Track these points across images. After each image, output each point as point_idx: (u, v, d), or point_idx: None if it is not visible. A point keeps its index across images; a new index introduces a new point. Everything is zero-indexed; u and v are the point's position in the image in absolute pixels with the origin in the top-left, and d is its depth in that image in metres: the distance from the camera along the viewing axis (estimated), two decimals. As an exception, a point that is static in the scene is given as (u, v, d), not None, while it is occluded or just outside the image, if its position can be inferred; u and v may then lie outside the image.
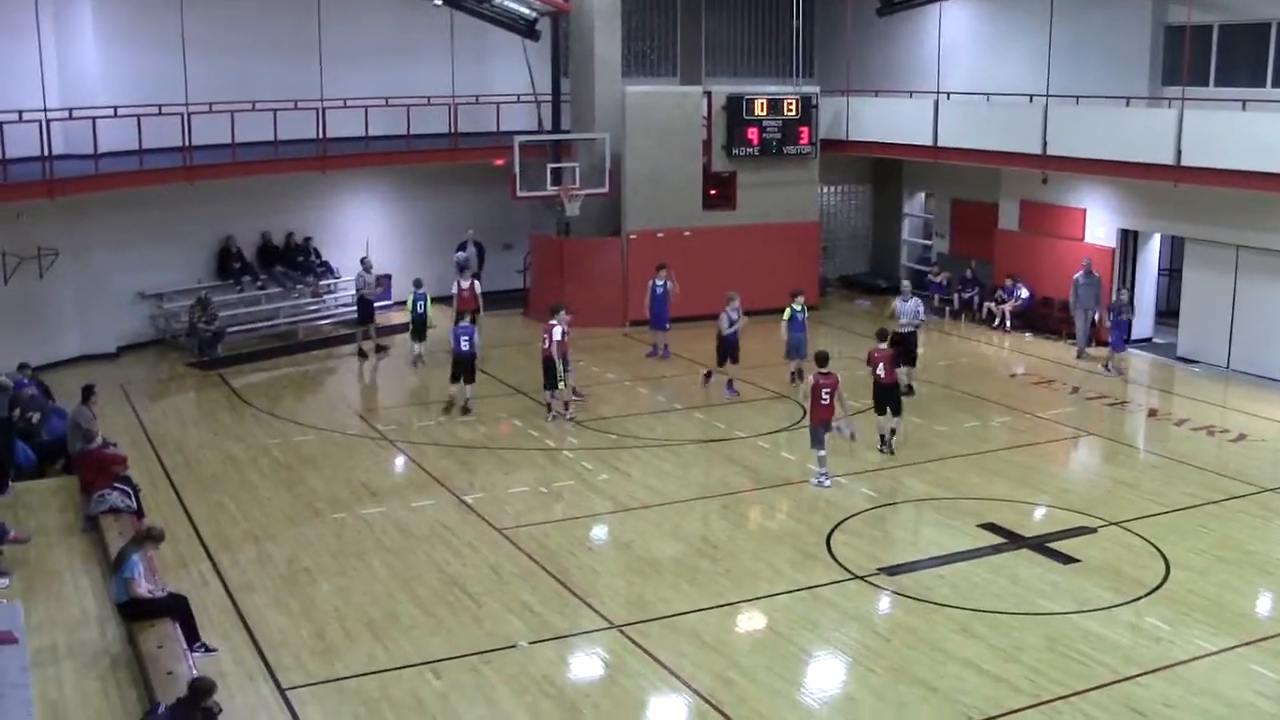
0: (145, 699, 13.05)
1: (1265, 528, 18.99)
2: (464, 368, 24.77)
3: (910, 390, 25.36)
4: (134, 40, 29.55)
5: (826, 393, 20.51)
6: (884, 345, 22.88)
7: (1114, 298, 29.03)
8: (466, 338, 24.69)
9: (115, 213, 28.70)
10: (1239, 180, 25.66)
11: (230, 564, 17.43)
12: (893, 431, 22.42)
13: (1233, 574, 17.18)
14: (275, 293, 32.31)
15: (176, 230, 30.52)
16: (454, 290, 28.74)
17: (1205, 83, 29.13)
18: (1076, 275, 29.58)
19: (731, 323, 26.27)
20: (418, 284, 29.25)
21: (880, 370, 22.26)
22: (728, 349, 26.42)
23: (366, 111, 31.21)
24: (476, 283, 29.45)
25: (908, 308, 26.43)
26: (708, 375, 26.89)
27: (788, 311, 26.29)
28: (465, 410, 24.79)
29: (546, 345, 24.15)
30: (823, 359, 21.00)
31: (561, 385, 24.11)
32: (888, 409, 22.37)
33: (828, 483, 20.64)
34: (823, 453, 20.78)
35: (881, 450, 22.23)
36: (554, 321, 24.27)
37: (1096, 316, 29.84)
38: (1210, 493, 20.36)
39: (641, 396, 26.13)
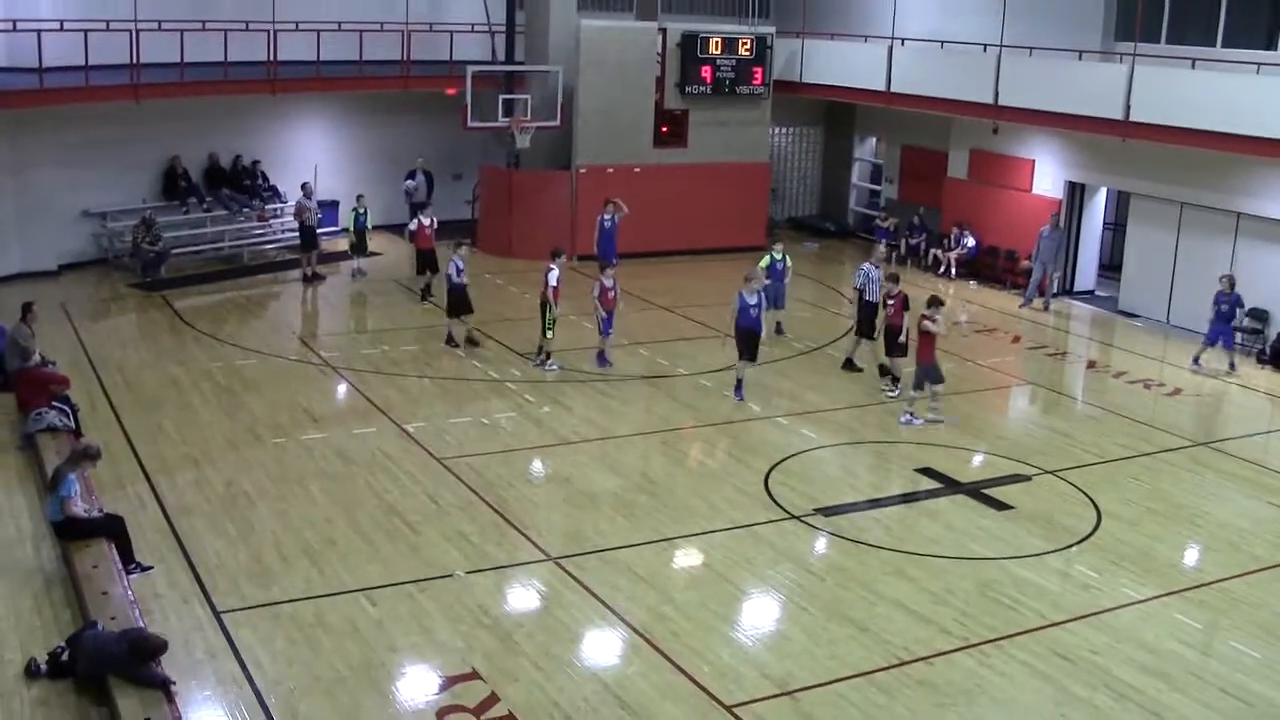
0: (79, 618, 13.04)
1: (1196, 481, 19.30)
2: (452, 299, 24.52)
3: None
4: (82, -48, 28.99)
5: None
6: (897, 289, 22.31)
7: (1221, 285, 25.36)
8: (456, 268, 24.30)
9: (59, 129, 28.33)
10: (1186, 138, 25.82)
11: (168, 486, 17.37)
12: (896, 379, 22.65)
13: (1162, 525, 17.47)
14: (221, 215, 31.98)
15: (122, 149, 30.15)
16: (413, 227, 28.29)
17: (1157, 40, 29.21)
18: (1042, 228, 29.89)
19: (748, 306, 21.90)
20: (359, 199, 30.20)
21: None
22: (741, 337, 22.15)
23: (319, 35, 30.82)
24: (435, 220, 28.72)
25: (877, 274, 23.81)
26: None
27: (766, 259, 25.41)
28: (457, 342, 24.57)
29: (544, 288, 23.16)
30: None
31: (549, 333, 23.42)
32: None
33: (918, 421, 21.03)
34: (915, 394, 21.16)
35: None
36: (552, 265, 23.28)
37: (1055, 273, 30.25)
38: (1144, 445, 20.65)
39: (586, 331, 26.09)
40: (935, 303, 21.20)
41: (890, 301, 22.37)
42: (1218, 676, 13.39)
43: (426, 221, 28.00)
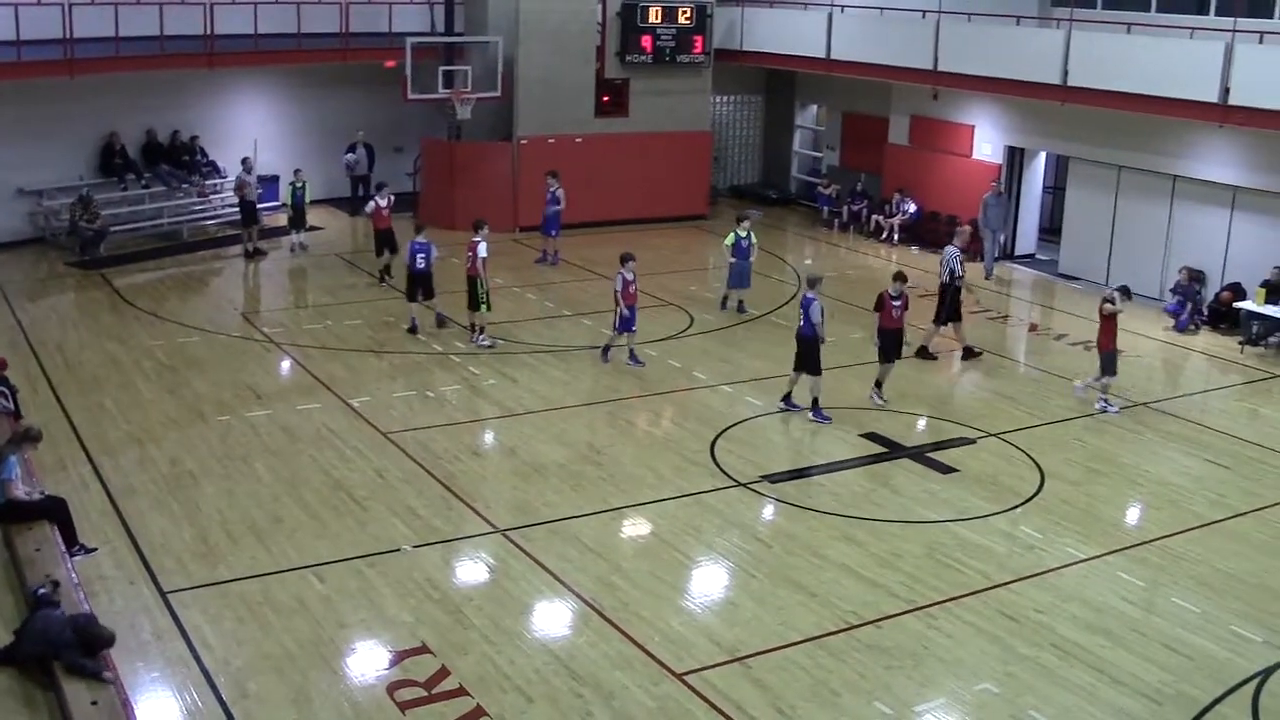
0: (22, 603, 12.90)
1: (1136, 440, 19.55)
2: (421, 285, 23.80)
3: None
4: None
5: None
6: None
7: (1180, 276, 26.44)
8: (423, 255, 23.50)
9: (-9, 106, 27.97)
10: (1122, 102, 26.04)
11: (111, 467, 17.24)
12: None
13: (1104, 485, 17.73)
14: (160, 192, 31.63)
15: (57, 125, 29.76)
16: (370, 208, 27.89)
17: (1093, 5, 29.48)
18: (986, 195, 30.06)
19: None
20: (297, 173, 30.15)
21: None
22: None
23: (256, 8, 30.51)
24: (392, 198, 28.12)
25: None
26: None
27: (731, 237, 25.29)
28: (440, 324, 24.09)
29: (471, 263, 22.94)
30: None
31: (484, 306, 23.16)
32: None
33: (1114, 409, 20.69)
34: (1109, 380, 20.79)
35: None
36: (477, 238, 22.99)
37: (1003, 238, 30.49)
38: (1086, 406, 20.86)
39: (529, 302, 26.10)
40: (1125, 292, 21.14)
41: (896, 302, 20.68)
42: (1160, 632, 13.61)
43: (383, 202, 27.46)
